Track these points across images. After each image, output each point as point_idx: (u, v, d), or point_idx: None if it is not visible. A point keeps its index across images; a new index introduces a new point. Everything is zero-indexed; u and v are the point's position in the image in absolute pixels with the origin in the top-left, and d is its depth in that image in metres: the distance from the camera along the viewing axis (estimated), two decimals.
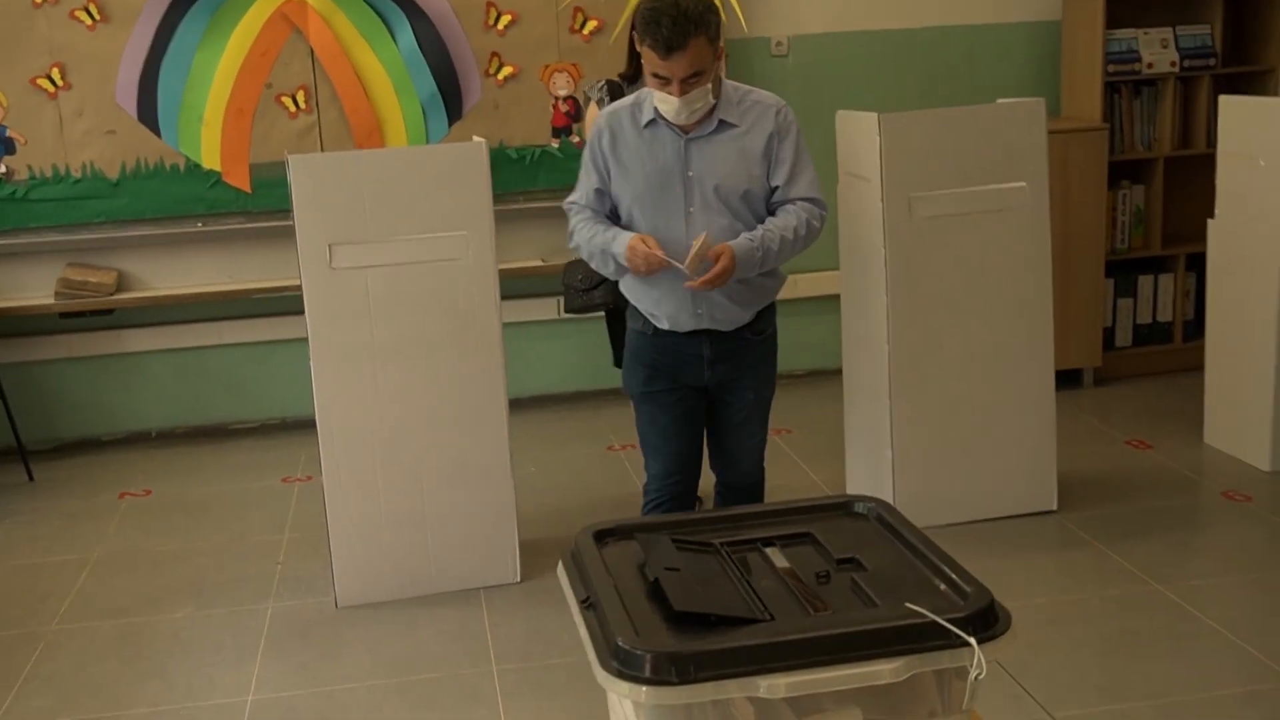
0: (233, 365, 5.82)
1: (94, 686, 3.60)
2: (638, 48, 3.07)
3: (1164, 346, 6.08)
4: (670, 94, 3.01)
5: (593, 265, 3.30)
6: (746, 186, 3.18)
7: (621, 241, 3.12)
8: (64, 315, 5.55)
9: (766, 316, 3.34)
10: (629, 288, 3.33)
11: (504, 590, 4.09)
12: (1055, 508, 4.47)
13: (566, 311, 4.92)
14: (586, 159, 3.29)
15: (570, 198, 3.36)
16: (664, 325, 3.24)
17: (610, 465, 5.23)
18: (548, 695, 3.42)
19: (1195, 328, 5.87)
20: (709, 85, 3.06)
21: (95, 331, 5.65)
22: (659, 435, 3.42)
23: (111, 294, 5.52)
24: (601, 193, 3.26)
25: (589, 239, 3.21)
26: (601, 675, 1.46)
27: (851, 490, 4.49)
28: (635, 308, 3.34)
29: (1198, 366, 5.24)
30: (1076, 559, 4.14)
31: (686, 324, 3.21)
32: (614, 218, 3.31)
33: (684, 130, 3.14)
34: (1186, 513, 4.54)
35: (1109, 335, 5.99)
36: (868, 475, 4.46)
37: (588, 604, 1.60)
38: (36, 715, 3.47)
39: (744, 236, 3.12)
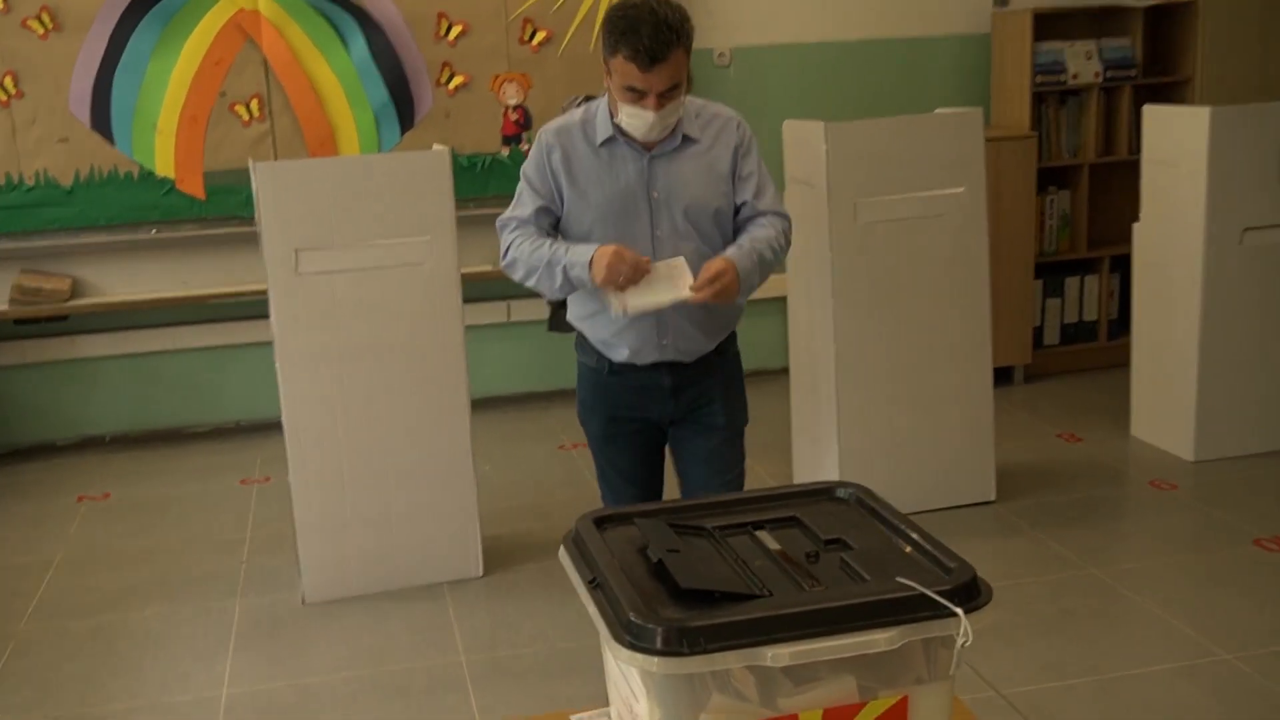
0: (187, 370, 5.82)
1: (69, 683, 3.61)
2: (608, 58, 2.69)
3: (1090, 344, 6.21)
4: (645, 108, 2.67)
5: (529, 282, 2.89)
6: (717, 205, 2.86)
7: (579, 252, 2.75)
8: (18, 321, 5.54)
9: (728, 339, 3.04)
10: (581, 318, 3.00)
11: (467, 584, 4.13)
12: (994, 498, 4.57)
13: (552, 330, 4.61)
14: (531, 175, 2.90)
15: (506, 214, 2.97)
16: (621, 358, 2.91)
17: (562, 463, 5.27)
18: (514, 682, 3.47)
19: (1119, 326, 6.03)
20: (682, 99, 2.76)
21: (49, 338, 5.64)
22: (620, 478, 3.15)
23: (66, 300, 5.50)
24: (547, 210, 2.90)
25: (531, 251, 2.84)
26: (614, 648, 1.48)
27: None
28: (585, 340, 3.01)
29: (1122, 363, 5.37)
30: (1015, 546, 4.21)
31: (649, 356, 2.89)
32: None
33: (646, 147, 2.82)
34: (1116, 501, 4.64)
35: (1038, 334, 6.11)
36: (814, 469, 4.54)
37: (594, 584, 1.64)
38: (13, 711, 3.46)
39: (734, 249, 2.79)
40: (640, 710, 1.59)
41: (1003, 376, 5.85)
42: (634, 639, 1.48)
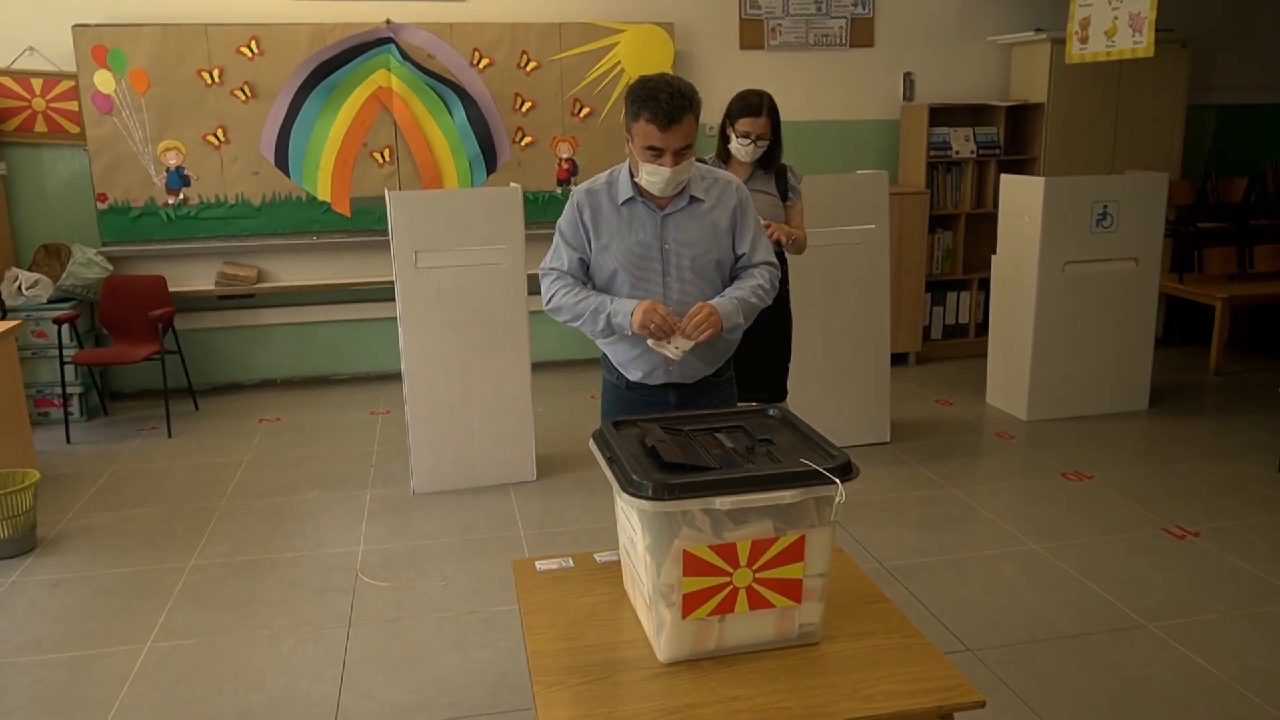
0: (335, 335, 5.86)
1: (255, 540, 3.74)
2: (630, 124, 2.34)
3: (962, 339, 6.24)
4: (662, 166, 2.32)
5: (574, 324, 2.47)
6: (718, 257, 2.48)
7: (622, 305, 2.38)
8: (221, 297, 5.62)
9: (725, 365, 2.63)
10: (607, 343, 2.58)
11: (525, 485, 4.22)
12: (889, 440, 4.65)
13: None
14: (566, 231, 2.50)
15: (548, 264, 2.53)
16: (636, 377, 2.54)
17: (591, 408, 5.28)
18: (556, 547, 3.58)
19: (982, 327, 6.04)
20: (692, 160, 2.39)
21: (241, 309, 5.71)
22: None
23: (253, 284, 5.59)
24: (584, 262, 2.49)
25: (576, 300, 2.44)
26: (623, 497, 1.64)
27: None
28: (609, 361, 2.61)
29: (983, 353, 5.42)
30: (901, 472, 4.30)
31: (659, 378, 2.53)
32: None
33: (660, 206, 2.43)
34: (972, 445, 4.68)
35: (926, 330, 6.16)
36: None
37: (611, 460, 1.79)
38: (221, 555, 3.61)
39: (723, 298, 2.43)
40: (638, 541, 1.75)
41: (900, 359, 5.95)
42: (635, 491, 1.65)
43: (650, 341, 2.38)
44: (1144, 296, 4.98)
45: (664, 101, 2.26)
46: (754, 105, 3.48)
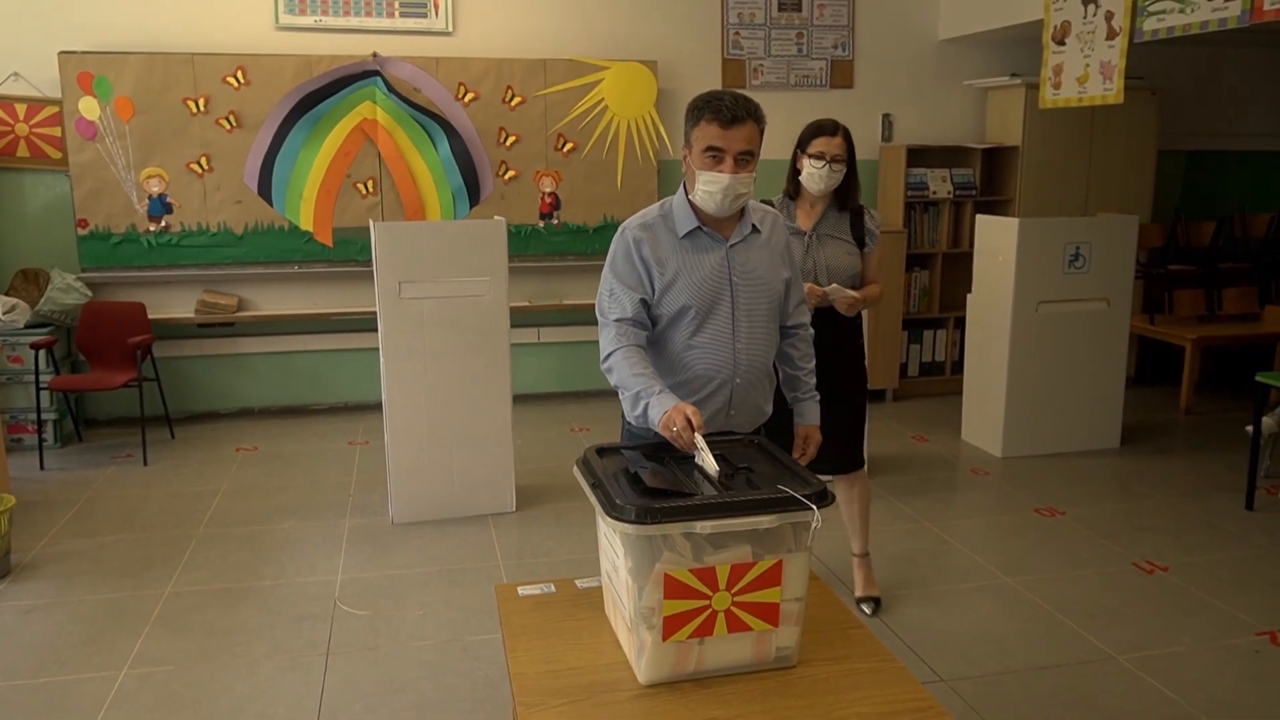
0: (314, 365, 5.89)
1: (233, 568, 3.74)
2: (690, 132, 2.22)
3: (939, 377, 6.33)
4: (722, 172, 2.17)
5: (619, 392, 2.23)
6: (780, 291, 2.36)
7: (661, 401, 2.08)
8: (200, 325, 5.64)
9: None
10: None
11: (504, 516, 4.25)
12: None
13: None
14: (622, 271, 2.26)
15: (611, 312, 2.26)
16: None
17: (571, 440, 5.36)
18: (535, 577, 3.49)
19: (958, 365, 6.16)
20: (753, 175, 2.22)
21: (221, 338, 5.73)
22: None
23: (234, 313, 5.61)
24: (646, 303, 2.26)
25: (629, 375, 2.17)
26: (606, 521, 1.69)
27: None
28: (638, 430, 2.25)
29: (959, 390, 5.50)
30: (878, 507, 4.32)
31: (717, 424, 2.32)
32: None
33: (724, 236, 2.28)
34: (948, 481, 4.75)
35: (904, 368, 6.24)
36: None
37: (595, 485, 1.83)
38: (198, 583, 3.61)
39: (811, 407, 2.47)
40: (620, 564, 1.79)
41: (878, 396, 6.04)
42: (618, 515, 1.69)
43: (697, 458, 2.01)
44: (1116, 336, 5.10)
45: (727, 102, 2.17)
46: (828, 127, 3.19)
